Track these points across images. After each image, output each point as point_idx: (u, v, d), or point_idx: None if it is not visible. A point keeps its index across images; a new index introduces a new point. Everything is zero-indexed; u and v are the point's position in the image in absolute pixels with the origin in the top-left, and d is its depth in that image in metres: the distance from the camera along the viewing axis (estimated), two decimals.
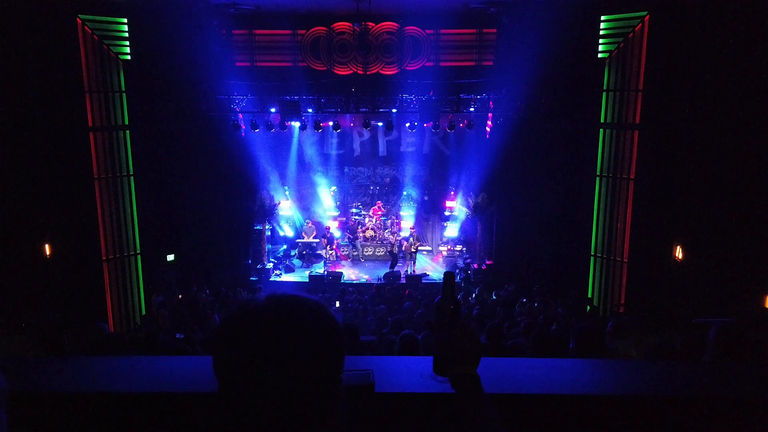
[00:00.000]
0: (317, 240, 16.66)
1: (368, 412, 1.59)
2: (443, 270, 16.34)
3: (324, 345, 1.08)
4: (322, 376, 1.07)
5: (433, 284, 14.33)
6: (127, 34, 12.91)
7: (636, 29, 12.51)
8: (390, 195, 18.05)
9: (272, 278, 15.24)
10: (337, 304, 12.10)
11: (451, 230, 17.01)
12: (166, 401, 1.63)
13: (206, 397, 1.57)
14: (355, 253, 16.95)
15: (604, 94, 13.15)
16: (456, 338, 1.44)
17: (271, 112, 14.82)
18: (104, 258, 13.09)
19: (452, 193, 17.25)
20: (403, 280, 14.72)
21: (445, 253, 17.07)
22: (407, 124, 15.35)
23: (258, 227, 15.77)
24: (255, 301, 1.11)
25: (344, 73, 14.69)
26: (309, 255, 16.73)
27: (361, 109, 14.71)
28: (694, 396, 1.66)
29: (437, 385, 1.59)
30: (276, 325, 1.06)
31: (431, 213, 17.80)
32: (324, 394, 1.07)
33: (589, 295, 13.63)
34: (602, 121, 13.28)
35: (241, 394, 1.04)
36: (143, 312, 13.64)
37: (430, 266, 16.48)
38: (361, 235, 17.11)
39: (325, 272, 15.28)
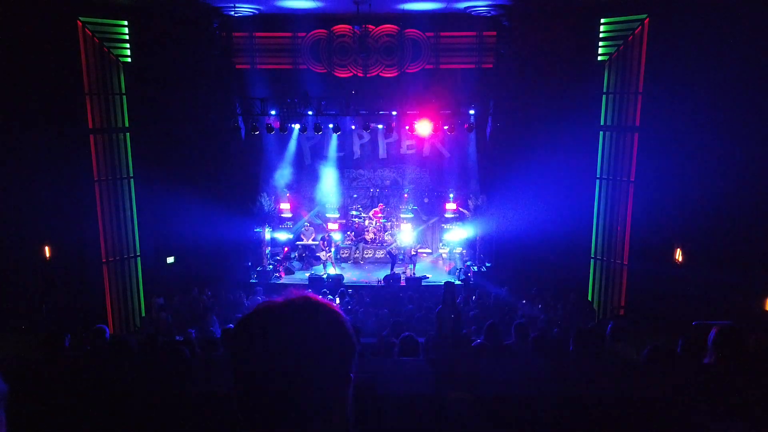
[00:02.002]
0: (316, 242, 16.65)
1: (369, 414, 1.60)
2: (443, 271, 16.33)
3: (338, 344, 1.13)
4: (335, 373, 1.12)
5: (434, 287, 14.31)
6: (127, 37, 12.93)
7: (636, 32, 12.53)
8: (390, 197, 18.03)
9: (272, 281, 15.23)
10: (337, 301, 12.19)
11: (452, 234, 17.00)
12: (167, 402, 1.63)
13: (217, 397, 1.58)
14: (356, 255, 16.95)
15: (604, 96, 13.17)
16: (455, 364, 1.47)
17: (271, 115, 14.81)
18: (104, 260, 13.09)
19: (451, 195, 17.25)
20: (403, 283, 14.71)
21: (445, 255, 17.06)
22: (407, 127, 15.34)
23: (258, 229, 15.77)
24: (273, 301, 1.16)
25: (344, 75, 14.69)
26: (308, 257, 16.73)
27: (361, 112, 14.71)
28: (694, 398, 1.67)
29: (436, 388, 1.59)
30: (293, 325, 1.11)
31: (431, 215, 17.79)
32: (336, 391, 1.12)
33: (589, 298, 13.62)
34: (602, 123, 13.30)
35: (257, 390, 1.08)
36: (143, 314, 13.63)
37: (430, 268, 16.47)
38: (362, 237, 17.13)
39: (325, 275, 15.27)
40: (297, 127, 15.60)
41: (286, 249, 16.81)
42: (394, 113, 14.84)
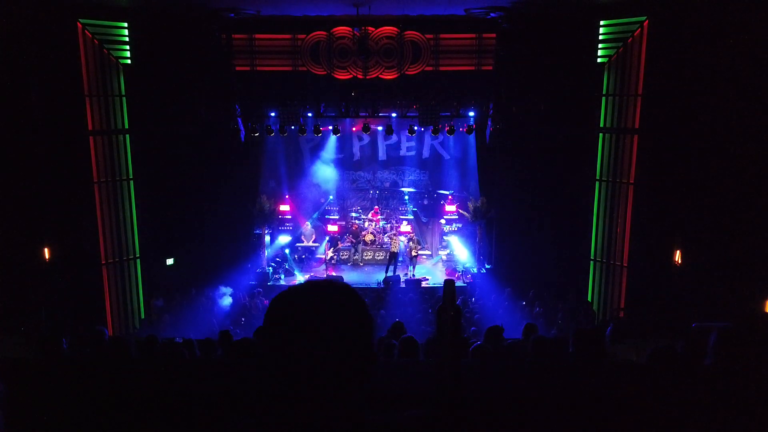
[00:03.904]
0: (317, 244, 16.62)
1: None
2: (442, 272, 16.32)
3: (361, 320, 1.25)
4: (360, 349, 1.21)
5: (433, 289, 14.31)
6: (127, 39, 12.93)
7: (635, 34, 12.54)
8: (390, 199, 18.03)
9: (271, 282, 15.21)
10: None
11: (452, 238, 16.98)
12: (167, 404, 1.62)
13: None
14: (356, 258, 16.93)
15: (604, 98, 13.18)
16: (454, 366, 1.51)
17: (271, 116, 14.82)
18: (103, 262, 13.08)
19: (450, 197, 17.26)
20: (403, 285, 14.70)
21: (444, 257, 17.05)
22: (411, 127, 15.32)
23: (257, 231, 15.77)
24: (297, 285, 1.30)
25: (344, 77, 14.68)
26: (309, 259, 16.73)
27: (361, 114, 14.72)
28: (694, 400, 1.66)
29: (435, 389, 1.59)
30: (315, 303, 1.22)
31: (431, 217, 17.79)
32: (357, 363, 1.20)
33: (589, 299, 13.61)
34: (601, 125, 13.30)
35: (286, 363, 1.17)
36: (142, 316, 13.62)
37: (430, 270, 16.46)
38: (361, 239, 17.12)
39: (326, 276, 15.26)
40: (296, 128, 15.62)
41: (286, 251, 16.81)
42: (393, 115, 14.86)
